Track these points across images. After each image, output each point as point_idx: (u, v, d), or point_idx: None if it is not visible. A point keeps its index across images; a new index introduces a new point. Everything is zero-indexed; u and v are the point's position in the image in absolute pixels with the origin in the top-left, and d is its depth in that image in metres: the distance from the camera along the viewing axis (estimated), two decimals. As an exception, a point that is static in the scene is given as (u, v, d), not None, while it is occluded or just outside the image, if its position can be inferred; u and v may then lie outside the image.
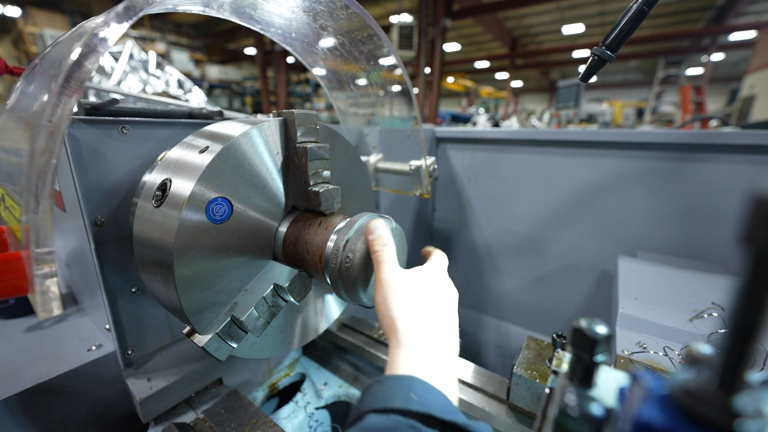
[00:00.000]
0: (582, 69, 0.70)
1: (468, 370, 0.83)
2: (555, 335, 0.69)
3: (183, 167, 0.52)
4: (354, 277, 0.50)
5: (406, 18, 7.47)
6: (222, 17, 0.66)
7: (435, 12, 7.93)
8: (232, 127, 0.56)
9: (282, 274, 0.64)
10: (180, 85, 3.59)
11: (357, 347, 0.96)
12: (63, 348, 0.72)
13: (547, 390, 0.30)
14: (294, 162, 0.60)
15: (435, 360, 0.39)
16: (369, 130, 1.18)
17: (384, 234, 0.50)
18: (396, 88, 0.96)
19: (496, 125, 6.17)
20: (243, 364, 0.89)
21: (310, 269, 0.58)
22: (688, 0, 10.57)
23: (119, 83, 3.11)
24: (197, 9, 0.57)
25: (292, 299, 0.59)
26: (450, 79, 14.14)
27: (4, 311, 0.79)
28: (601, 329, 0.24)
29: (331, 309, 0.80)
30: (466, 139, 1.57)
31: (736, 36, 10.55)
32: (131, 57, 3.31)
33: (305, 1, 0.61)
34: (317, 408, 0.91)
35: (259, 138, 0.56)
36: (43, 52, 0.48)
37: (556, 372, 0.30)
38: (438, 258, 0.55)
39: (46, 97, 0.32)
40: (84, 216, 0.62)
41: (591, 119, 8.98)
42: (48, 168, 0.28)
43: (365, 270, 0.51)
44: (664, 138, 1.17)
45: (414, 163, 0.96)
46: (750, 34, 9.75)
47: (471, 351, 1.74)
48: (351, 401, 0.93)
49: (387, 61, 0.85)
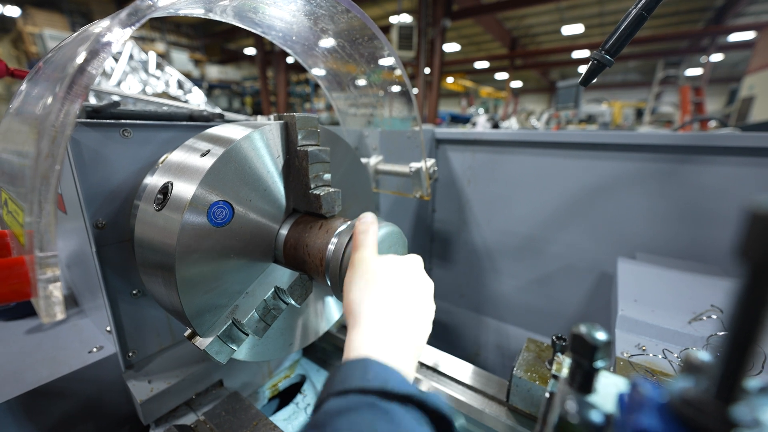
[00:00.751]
0: (582, 69, 0.70)
1: (468, 371, 0.84)
2: (555, 337, 0.69)
3: (185, 170, 0.52)
4: None
5: (405, 18, 7.47)
6: (224, 21, 0.66)
7: (434, 12, 7.93)
8: (233, 131, 0.56)
9: (283, 276, 0.64)
10: (180, 86, 3.58)
11: (357, 349, 0.96)
12: (64, 350, 0.72)
13: (547, 394, 0.30)
14: (295, 165, 0.60)
15: (391, 341, 0.39)
16: (369, 131, 1.18)
17: (368, 221, 0.51)
18: (396, 89, 0.96)
19: (495, 126, 6.18)
20: (243, 366, 0.89)
21: (311, 272, 0.58)
22: (687, 1, 10.59)
23: (119, 84, 3.10)
24: (198, 13, 0.57)
25: (293, 302, 0.59)
26: (450, 80, 14.15)
27: (4, 313, 0.80)
28: (601, 335, 0.24)
29: (332, 311, 0.80)
30: (465, 141, 1.57)
31: (735, 37, 10.57)
32: (131, 57, 3.31)
33: (306, 5, 0.61)
34: (317, 409, 0.91)
35: (261, 141, 0.56)
36: (47, 55, 0.48)
37: (556, 376, 0.30)
38: (415, 256, 0.54)
39: (50, 101, 0.32)
40: (85, 218, 0.62)
41: (590, 120, 8.99)
42: (52, 172, 0.28)
43: None
44: (662, 140, 1.18)
45: (414, 165, 0.96)
46: (749, 34, 9.77)
47: (471, 352, 1.74)
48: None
49: (387, 62, 0.85)
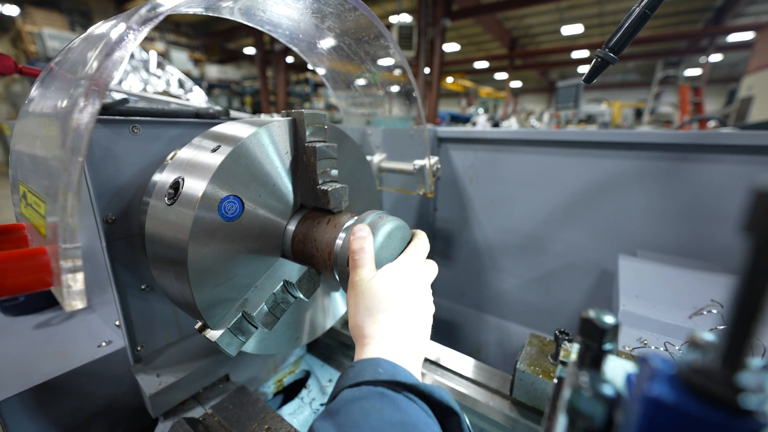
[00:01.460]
0: (581, 69, 0.72)
1: (471, 366, 0.85)
2: (558, 331, 0.70)
3: (195, 166, 0.53)
4: None
5: (405, 18, 7.48)
6: (231, 19, 0.67)
7: (434, 12, 7.95)
8: (242, 127, 0.57)
9: (290, 271, 0.65)
10: (181, 85, 3.58)
11: (361, 344, 0.97)
12: (73, 344, 0.73)
13: (556, 380, 0.31)
14: (303, 161, 0.61)
15: (397, 349, 0.43)
16: (372, 130, 1.19)
17: (362, 236, 0.51)
18: (400, 88, 0.97)
19: (495, 125, 6.19)
20: (249, 360, 0.90)
21: (318, 266, 0.59)
22: (687, 1, 10.61)
23: (120, 82, 3.11)
24: (200, 10, 0.58)
25: (301, 295, 0.60)
26: (449, 80, 14.17)
27: (13, 308, 0.80)
28: (609, 319, 0.25)
29: (338, 306, 0.81)
30: (467, 139, 1.58)
31: (734, 37, 10.59)
32: (132, 56, 3.31)
33: (314, 3, 0.62)
34: (322, 404, 0.92)
35: (270, 137, 0.57)
36: (60, 55, 0.49)
37: (564, 363, 0.31)
38: (413, 248, 0.55)
39: (70, 100, 0.33)
40: (96, 213, 0.63)
41: (590, 120, 9.01)
42: (75, 166, 0.29)
43: None
44: (662, 138, 1.19)
45: (418, 163, 0.97)
46: (748, 35, 9.79)
47: (472, 349, 1.75)
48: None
49: (392, 62, 0.86)
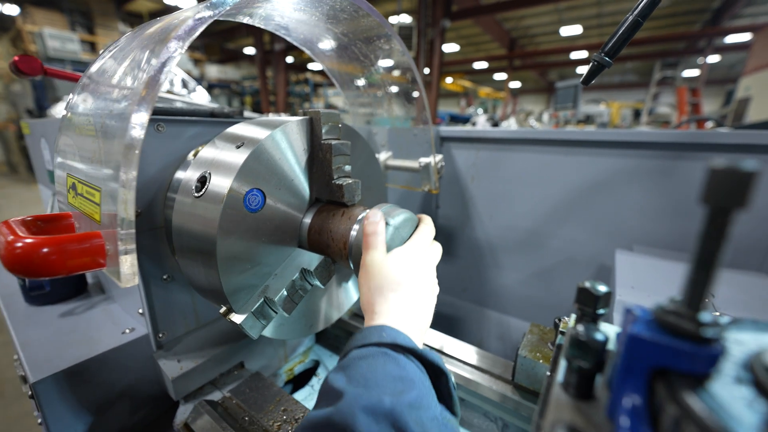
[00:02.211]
0: (580, 70, 0.76)
1: (474, 354, 0.89)
2: (557, 319, 0.74)
3: (222, 161, 0.57)
4: None
5: (405, 19, 7.52)
6: (249, 23, 0.71)
7: (434, 13, 7.99)
8: (263, 125, 0.61)
9: (306, 260, 0.69)
10: (184, 85, 3.62)
11: (369, 335, 1.01)
12: (98, 331, 0.77)
13: (555, 348, 0.35)
14: (318, 157, 0.65)
15: (402, 320, 0.48)
16: (378, 129, 1.23)
17: (375, 221, 0.56)
18: (404, 88, 1.01)
19: (495, 126, 6.24)
20: (262, 349, 0.94)
21: (334, 255, 0.63)
22: (684, 2, 10.68)
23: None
24: (231, 18, 0.62)
25: (317, 282, 0.64)
26: (449, 80, 14.22)
27: (38, 298, 0.84)
28: (602, 288, 0.29)
29: (347, 297, 0.85)
30: (469, 139, 1.62)
31: (731, 38, 10.67)
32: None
33: (330, 11, 0.66)
34: (332, 391, 0.96)
35: (289, 135, 0.61)
36: (99, 62, 0.53)
37: (563, 333, 0.36)
38: (420, 233, 0.60)
39: (125, 103, 0.37)
40: (123, 207, 0.66)
41: (589, 120, 9.07)
42: (133, 159, 0.33)
43: None
44: (659, 137, 1.23)
45: (423, 160, 1.01)
46: (745, 36, 9.87)
47: (473, 343, 1.79)
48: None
49: (399, 63, 0.90)
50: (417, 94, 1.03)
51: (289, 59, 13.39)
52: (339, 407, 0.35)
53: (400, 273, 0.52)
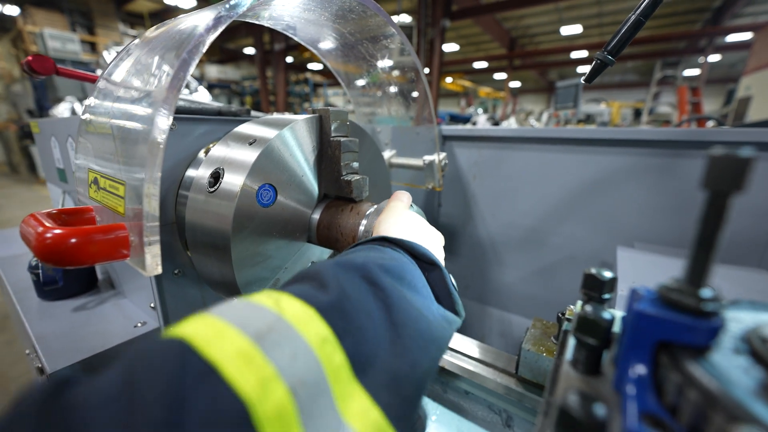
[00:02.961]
0: (580, 69, 0.78)
1: (478, 348, 0.90)
2: (560, 314, 0.76)
3: (235, 157, 0.58)
4: None
5: (405, 18, 7.54)
6: (258, 23, 0.72)
7: (434, 12, 8.01)
8: (274, 123, 0.63)
9: (315, 254, 0.71)
10: (186, 85, 3.64)
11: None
12: (111, 325, 0.78)
13: (562, 332, 0.37)
14: (327, 154, 0.67)
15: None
16: (382, 127, 1.25)
17: (404, 194, 0.60)
18: (407, 87, 1.03)
19: (495, 125, 6.26)
20: (269, 344, 0.96)
21: (342, 250, 0.65)
22: (685, 1, 10.69)
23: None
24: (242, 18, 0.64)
25: (327, 276, 0.65)
26: (448, 80, 14.23)
27: (51, 293, 0.86)
28: (608, 274, 0.31)
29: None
30: (471, 137, 1.64)
31: (732, 37, 10.68)
32: (139, 56, 3.36)
33: (339, 11, 0.67)
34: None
35: (300, 132, 0.63)
36: (118, 61, 0.54)
37: (569, 319, 0.37)
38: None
39: (153, 98, 0.38)
40: (137, 203, 0.68)
41: (589, 119, 9.08)
42: (158, 154, 0.35)
43: None
44: (659, 135, 1.25)
45: (427, 158, 1.03)
46: (746, 35, 9.88)
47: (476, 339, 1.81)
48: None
49: (405, 63, 0.92)
50: (416, 94, 1.05)
51: (289, 59, 13.40)
52: (316, 265, 0.35)
53: (417, 225, 0.53)
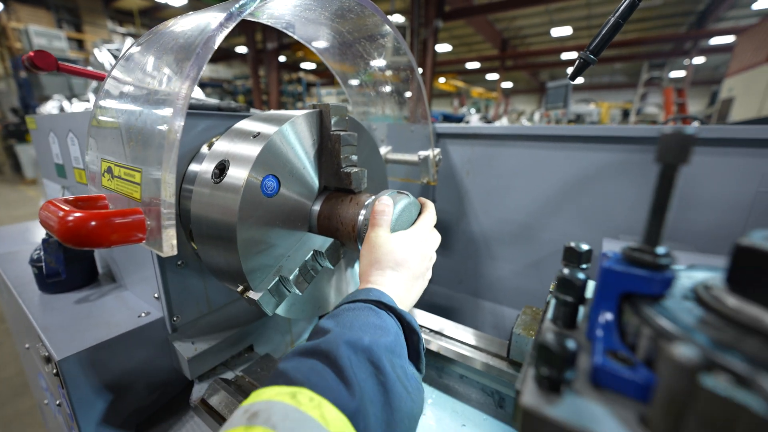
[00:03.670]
0: (570, 71, 0.82)
1: (471, 335, 0.94)
2: (547, 302, 0.80)
3: (239, 149, 0.61)
4: None
5: (398, 19, 7.59)
6: (257, 21, 0.75)
7: (427, 13, 8.07)
8: (276, 117, 0.65)
9: (316, 243, 0.74)
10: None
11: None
12: (114, 316, 0.80)
13: (545, 304, 0.41)
14: (327, 147, 0.70)
15: (390, 287, 0.55)
16: (378, 124, 1.28)
17: (387, 203, 0.62)
18: (402, 87, 1.07)
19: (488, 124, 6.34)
20: (269, 336, 0.98)
21: (342, 238, 0.68)
22: (671, 5, 10.93)
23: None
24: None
25: (327, 264, 0.68)
26: (442, 80, 14.32)
27: (54, 285, 0.87)
28: (585, 246, 0.35)
29: (357, 280, 0.90)
30: (465, 135, 1.68)
31: (716, 40, 10.96)
32: (131, 54, 3.34)
33: (338, 10, 0.70)
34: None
35: (301, 126, 0.65)
36: (127, 56, 0.57)
37: (551, 293, 0.41)
38: (423, 220, 0.66)
39: (169, 83, 0.41)
40: (142, 195, 0.70)
41: (579, 119, 9.24)
42: (175, 145, 0.38)
43: None
44: (644, 133, 1.30)
45: (422, 153, 1.06)
46: (729, 38, 10.15)
47: (469, 334, 1.85)
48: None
49: (401, 62, 0.95)
50: (409, 94, 1.08)
51: (282, 58, 13.33)
52: (326, 338, 0.41)
53: (399, 252, 0.57)
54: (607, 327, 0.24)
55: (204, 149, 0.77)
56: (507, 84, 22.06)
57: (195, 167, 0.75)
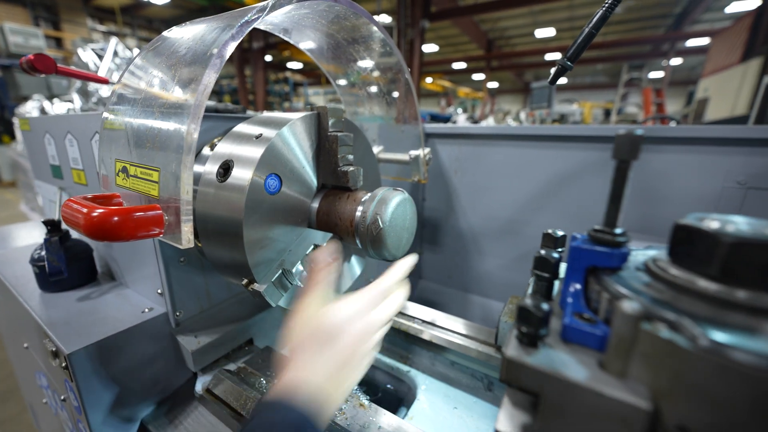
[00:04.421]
0: (553, 72, 0.88)
1: (461, 324, 1.00)
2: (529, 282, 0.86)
3: (243, 151, 0.64)
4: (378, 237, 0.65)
5: (385, 19, 7.63)
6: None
7: (413, 13, 8.14)
8: (276, 119, 0.69)
9: (316, 238, 0.78)
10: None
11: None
12: (118, 312, 0.82)
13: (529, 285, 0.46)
14: (325, 147, 0.74)
15: (322, 386, 0.44)
16: (369, 125, 1.32)
17: (325, 261, 0.56)
18: (391, 87, 1.11)
19: (475, 124, 6.44)
20: (268, 329, 1.01)
21: (341, 233, 0.72)
22: (649, 8, 11.29)
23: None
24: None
25: (327, 257, 0.72)
26: (429, 80, 14.43)
27: (56, 284, 0.89)
28: (560, 232, 0.40)
29: (354, 271, 0.94)
30: (453, 135, 1.74)
31: (692, 42, 11.37)
32: (116, 54, 3.29)
33: (333, 17, 0.74)
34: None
35: (301, 128, 0.69)
36: (131, 60, 0.60)
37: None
38: (376, 284, 0.54)
39: (183, 89, 0.44)
40: (146, 194, 0.73)
41: (563, 119, 9.47)
42: (193, 145, 0.41)
43: None
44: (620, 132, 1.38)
45: (413, 152, 1.11)
46: (704, 40, 10.54)
47: (459, 327, 1.91)
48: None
49: (391, 63, 1.00)
50: (396, 94, 1.13)
51: (268, 58, 13.22)
52: None
53: (333, 333, 0.47)
54: (576, 295, 0.29)
55: (206, 150, 0.80)
56: (493, 84, 22.37)
57: (198, 168, 0.78)
